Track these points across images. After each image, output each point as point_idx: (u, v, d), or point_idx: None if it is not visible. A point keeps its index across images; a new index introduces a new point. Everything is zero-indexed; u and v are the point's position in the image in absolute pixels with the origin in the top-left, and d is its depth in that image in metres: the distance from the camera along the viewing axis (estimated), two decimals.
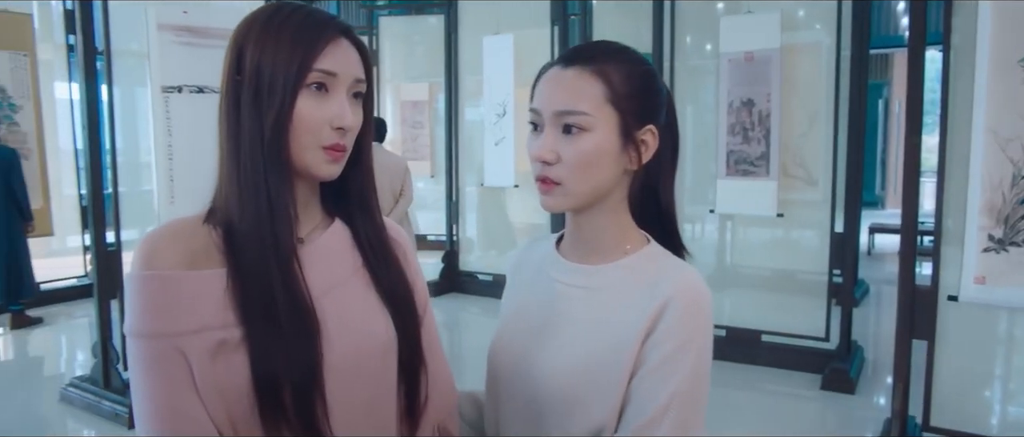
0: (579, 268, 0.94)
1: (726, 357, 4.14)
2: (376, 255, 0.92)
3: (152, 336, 0.76)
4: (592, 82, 0.86)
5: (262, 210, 0.79)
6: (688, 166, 4.53)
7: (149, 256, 0.79)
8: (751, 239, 4.51)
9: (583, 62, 0.87)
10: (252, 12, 0.83)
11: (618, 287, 0.90)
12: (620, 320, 0.86)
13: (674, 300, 0.84)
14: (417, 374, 0.93)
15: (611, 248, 0.93)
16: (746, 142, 4.03)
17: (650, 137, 0.90)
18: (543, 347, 0.91)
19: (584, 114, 0.85)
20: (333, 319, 0.83)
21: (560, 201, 0.89)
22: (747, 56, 3.99)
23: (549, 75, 0.89)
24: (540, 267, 1.00)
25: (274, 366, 0.76)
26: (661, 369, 0.82)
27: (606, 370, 0.85)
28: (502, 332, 1.00)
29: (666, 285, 0.85)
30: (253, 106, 0.79)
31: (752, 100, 4.00)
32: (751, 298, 4.43)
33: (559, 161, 0.86)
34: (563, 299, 0.93)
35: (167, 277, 0.77)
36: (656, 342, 0.83)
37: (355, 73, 0.84)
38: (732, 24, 4.06)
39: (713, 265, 4.57)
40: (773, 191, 3.98)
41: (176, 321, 0.76)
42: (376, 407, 0.88)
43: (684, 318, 0.83)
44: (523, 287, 1.02)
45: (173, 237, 0.81)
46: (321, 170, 0.83)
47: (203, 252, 0.80)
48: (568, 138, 0.86)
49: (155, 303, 0.77)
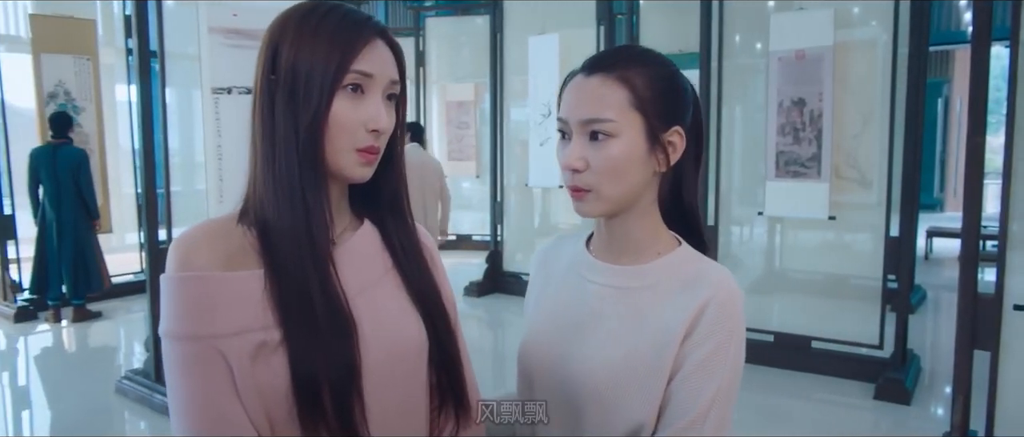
0: (613, 268, 0.95)
1: (774, 363, 4.03)
2: (407, 257, 0.92)
3: (192, 338, 0.76)
4: (615, 88, 0.87)
5: (298, 212, 0.79)
6: (736, 167, 4.44)
7: (185, 257, 0.78)
8: (801, 242, 4.39)
9: (606, 69, 0.88)
10: (286, 10, 0.82)
11: (654, 288, 0.91)
12: (658, 320, 0.87)
13: (712, 300, 0.85)
14: (449, 376, 0.92)
15: (643, 249, 0.94)
16: (796, 143, 3.92)
17: (677, 138, 0.91)
18: (579, 346, 0.92)
19: (610, 121, 0.86)
20: (368, 320, 0.82)
21: (594, 206, 0.90)
22: (798, 54, 3.87)
23: (573, 84, 0.91)
24: (570, 267, 1.01)
25: (313, 367, 0.76)
26: (703, 369, 0.84)
27: (646, 369, 0.86)
28: (533, 332, 1.00)
29: (704, 286, 0.87)
30: (288, 106, 0.79)
31: (803, 99, 3.88)
32: (801, 303, 4.31)
33: (588, 168, 0.88)
34: (597, 299, 0.94)
35: (205, 278, 0.77)
36: (696, 342, 0.84)
37: (390, 74, 0.83)
38: (783, 21, 3.95)
39: (761, 268, 4.46)
40: (825, 193, 3.86)
41: (215, 323, 0.76)
42: (409, 408, 0.88)
43: (722, 318, 0.85)
44: (552, 286, 1.02)
45: (208, 238, 0.80)
46: (354, 172, 0.82)
47: (239, 253, 0.80)
48: (596, 145, 0.87)
49: (194, 305, 0.76)
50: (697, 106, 0.95)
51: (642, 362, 0.87)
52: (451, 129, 8.26)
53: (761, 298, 4.40)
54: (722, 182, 4.29)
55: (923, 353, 4.30)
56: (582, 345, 0.92)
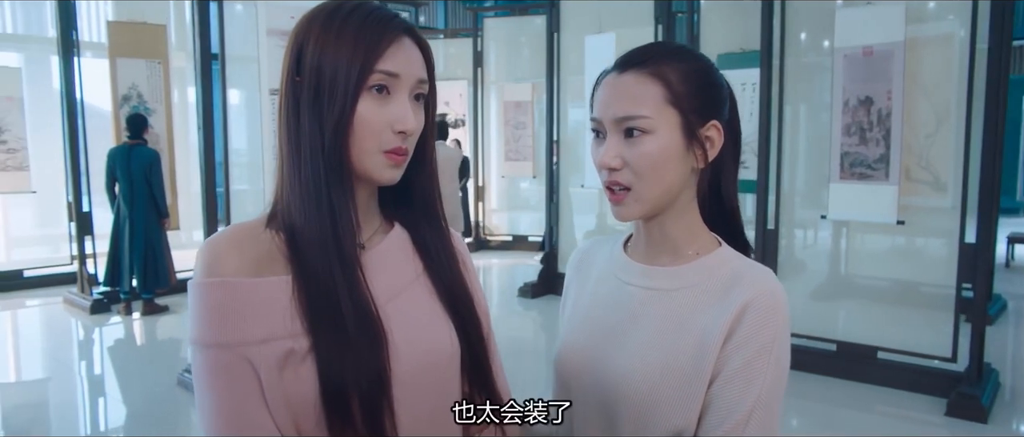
0: (651, 270, 0.92)
1: (837, 373, 3.87)
2: (439, 261, 0.89)
3: (220, 346, 0.74)
4: (650, 84, 0.85)
5: (324, 215, 0.77)
6: (799, 169, 4.28)
7: (212, 262, 0.76)
8: (867, 247, 4.19)
9: (639, 65, 0.86)
10: (312, 10, 0.81)
11: (693, 289, 0.88)
12: (698, 323, 0.85)
13: (754, 302, 0.82)
14: (482, 384, 0.90)
15: (682, 250, 0.91)
16: (863, 143, 3.75)
17: (715, 133, 0.88)
18: (617, 350, 0.89)
19: (644, 117, 0.85)
20: (398, 327, 0.80)
21: (633, 209, 0.88)
22: (866, 51, 3.70)
23: (606, 82, 0.89)
24: (607, 269, 0.98)
25: (342, 376, 0.74)
26: (744, 373, 0.81)
27: (686, 373, 0.84)
28: (570, 335, 0.98)
29: (744, 287, 0.84)
30: (313, 108, 0.77)
31: (870, 98, 3.71)
32: (866, 311, 4.11)
33: (625, 166, 0.86)
34: (635, 301, 0.91)
35: (233, 284, 0.75)
36: (737, 345, 0.82)
37: (417, 74, 0.81)
38: (850, 17, 3.78)
39: (825, 274, 4.28)
40: (893, 196, 3.67)
41: (243, 330, 0.74)
42: (440, 418, 0.86)
43: (764, 321, 0.82)
44: (588, 289, 1.00)
45: (236, 243, 0.79)
46: (382, 175, 0.80)
47: (267, 258, 0.78)
48: (631, 142, 0.85)
49: (222, 311, 0.75)
50: (733, 102, 0.92)
51: (681, 367, 0.84)
52: (509, 129, 8.27)
53: (824, 305, 4.22)
54: (784, 184, 4.14)
55: (1002, 367, 4.04)
56: (619, 350, 0.89)
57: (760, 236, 4.13)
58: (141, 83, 5.65)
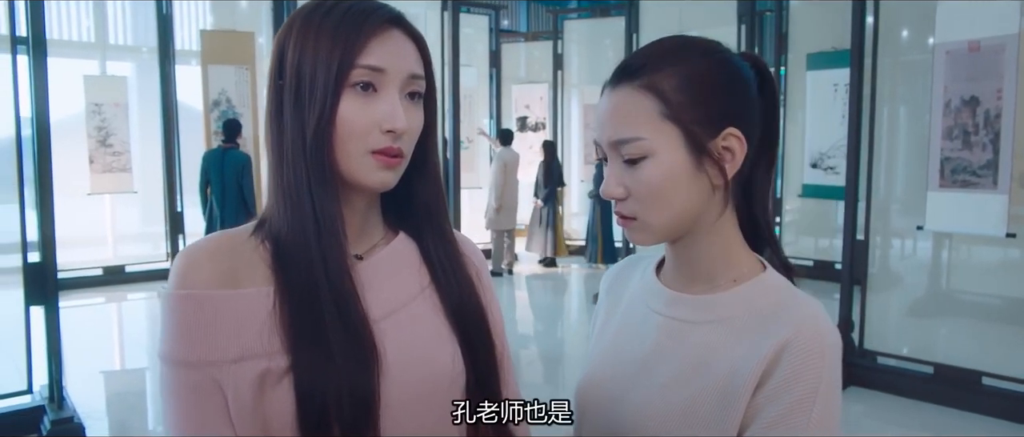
0: (680, 298, 0.81)
1: (935, 399, 3.56)
2: (446, 274, 0.82)
3: (187, 364, 0.70)
4: (641, 99, 0.74)
5: (307, 222, 0.72)
6: (895, 175, 3.97)
7: (185, 272, 0.71)
8: (972, 261, 3.83)
9: (630, 77, 0.76)
10: (296, 9, 0.77)
11: (727, 322, 0.76)
12: (728, 362, 0.73)
13: (793, 343, 0.70)
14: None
15: (717, 275, 0.80)
16: (967, 148, 3.42)
17: (735, 142, 0.75)
18: (638, 387, 0.79)
19: (638, 140, 0.74)
20: (393, 346, 0.74)
21: (642, 236, 0.78)
22: (972, 46, 3.38)
23: (601, 100, 0.79)
24: (638, 293, 0.88)
25: (323, 399, 0.68)
26: (778, 427, 0.69)
27: (710, 420, 0.73)
28: (593, 367, 0.88)
29: (784, 324, 0.72)
30: (294, 111, 0.72)
31: (976, 98, 3.38)
32: (970, 331, 3.76)
33: (629, 195, 0.76)
34: (662, 333, 0.80)
35: (204, 297, 0.70)
36: (772, 394, 0.69)
37: (408, 68, 0.74)
38: (953, 9, 3.46)
39: (923, 289, 3.95)
40: (1002, 206, 3.33)
41: (213, 348, 0.69)
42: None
43: (806, 365, 0.69)
44: (616, 316, 0.90)
45: (213, 252, 0.74)
46: (371, 178, 0.73)
47: (247, 268, 0.73)
48: (631, 169, 0.75)
49: (190, 327, 0.70)
50: (770, 100, 0.79)
51: (704, 414, 0.73)
52: (588, 132, 8.15)
53: (921, 323, 3.90)
54: (876, 192, 3.85)
55: None
56: (639, 388, 0.79)
57: (848, 247, 3.85)
58: (230, 88, 5.90)
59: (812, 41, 6.39)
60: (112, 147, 6.39)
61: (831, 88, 6.10)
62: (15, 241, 3.20)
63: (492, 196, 6.97)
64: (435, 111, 0.81)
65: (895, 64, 3.86)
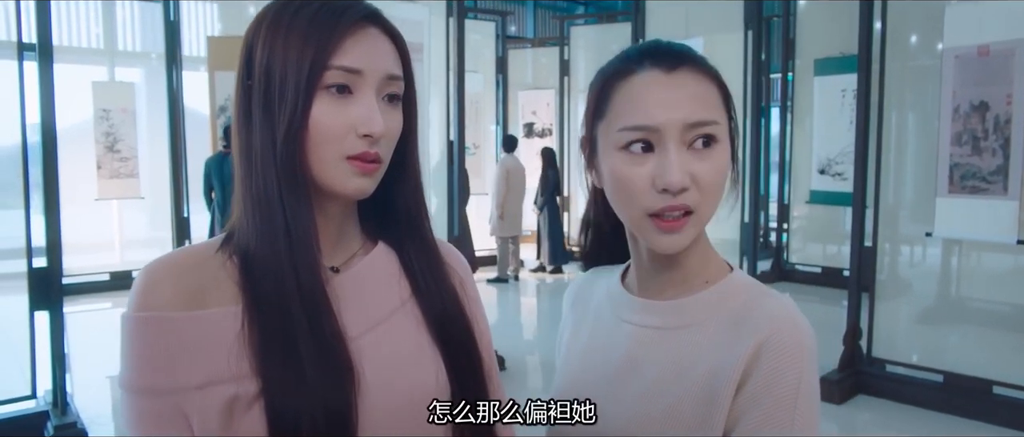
0: (651, 305, 0.79)
1: (944, 408, 3.51)
2: (427, 284, 0.78)
3: (149, 392, 0.65)
4: (710, 85, 0.74)
5: (277, 234, 0.68)
6: (902, 181, 3.93)
7: (145, 293, 0.67)
8: (982, 268, 3.79)
9: (690, 62, 0.74)
10: (264, 7, 0.73)
11: (701, 325, 0.75)
12: (707, 365, 0.72)
13: (771, 341, 0.69)
14: (476, 433, 0.77)
15: (692, 277, 0.78)
16: (976, 153, 3.38)
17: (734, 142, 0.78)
18: (614, 400, 0.77)
19: (716, 122, 0.72)
20: (372, 365, 0.70)
21: (690, 235, 0.73)
22: (981, 50, 3.34)
23: (653, 81, 0.72)
24: (603, 305, 0.86)
25: (297, 427, 0.64)
26: (765, 427, 0.68)
27: (693, 425, 0.72)
28: (564, 383, 0.85)
29: (758, 322, 0.71)
30: (264, 115, 0.68)
31: (986, 103, 3.34)
32: (980, 339, 3.72)
33: (693, 185, 0.71)
34: (635, 342, 0.79)
35: (166, 320, 0.66)
36: (752, 397, 0.69)
37: (386, 69, 0.70)
38: (962, 13, 3.44)
39: (932, 297, 3.91)
40: (1012, 212, 3.29)
41: (177, 375, 0.65)
42: None
43: (784, 362, 0.69)
44: (584, 330, 0.87)
45: (175, 269, 0.69)
46: (348, 185, 0.69)
47: (213, 286, 0.68)
48: (701, 154, 0.71)
49: (151, 352, 0.65)
50: None
51: (687, 419, 0.72)
52: None
53: (930, 330, 3.85)
54: (884, 198, 3.81)
55: None
56: (615, 400, 0.77)
57: (856, 254, 3.81)
58: None
59: (819, 46, 6.36)
60: (120, 153, 6.42)
61: (839, 94, 6.07)
62: (21, 246, 3.21)
63: (494, 202, 6.97)
64: (415, 113, 0.77)
65: (903, 69, 3.83)
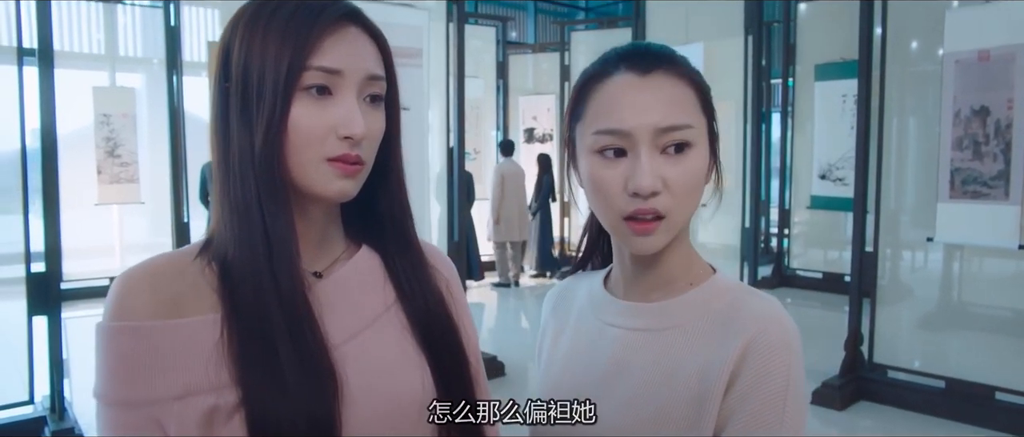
0: (636, 307, 0.79)
1: (946, 414, 3.49)
2: (413, 290, 0.77)
3: (125, 404, 0.64)
4: (685, 88, 0.74)
5: (256, 239, 0.66)
6: (903, 186, 3.92)
7: (121, 302, 0.65)
8: (984, 273, 3.78)
9: (667, 64, 0.74)
10: (242, 6, 0.70)
11: (687, 326, 0.75)
12: (695, 366, 0.72)
13: (758, 340, 0.70)
14: (466, 431, 0.76)
15: (676, 280, 0.79)
16: (977, 158, 3.37)
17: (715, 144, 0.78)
18: (604, 403, 0.77)
19: (690, 126, 0.72)
20: (355, 372, 0.69)
21: (662, 239, 0.73)
22: (981, 55, 3.34)
23: (626, 85, 0.73)
24: (586, 309, 0.85)
25: (279, 435, 0.63)
26: (754, 426, 0.69)
27: (682, 427, 0.72)
28: (548, 388, 0.85)
29: (745, 321, 0.72)
30: (242, 117, 0.66)
31: (986, 108, 3.34)
32: (982, 345, 3.70)
33: (665, 189, 0.71)
34: (621, 346, 0.78)
35: (142, 329, 0.64)
36: (741, 396, 0.69)
37: (367, 69, 0.69)
38: (962, 18, 3.43)
39: (933, 302, 3.90)
40: (1014, 217, 3.28)
41: (154, 386, 0.63)
42: None
43: (773, 362, 0.69)
44: (566, 335, 0.87)
45: (151, 277, 0.67)
46: (329, 188, 0.68)
47: (191, 294, 0.67)
48: (673, 159, 0.72)
49: (127, 362, 0.64)
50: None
51: (677, 421, 0.72)
52: None
53: (932, 336, 3.84)
54: (885, 203, 3.80)
55: None
56: (606, 403, 0.76)
57: (857, 259, 3.80)
58: None
59: (820, 52, 6.36)
60: (120, 158, 6.41)
61: (839, 99, 6.06)
62: (20, 251, 3.20)
63: (491, 208, 6.98)
64: (397, 114, 0.75)
65: (903, 74, 3.82)
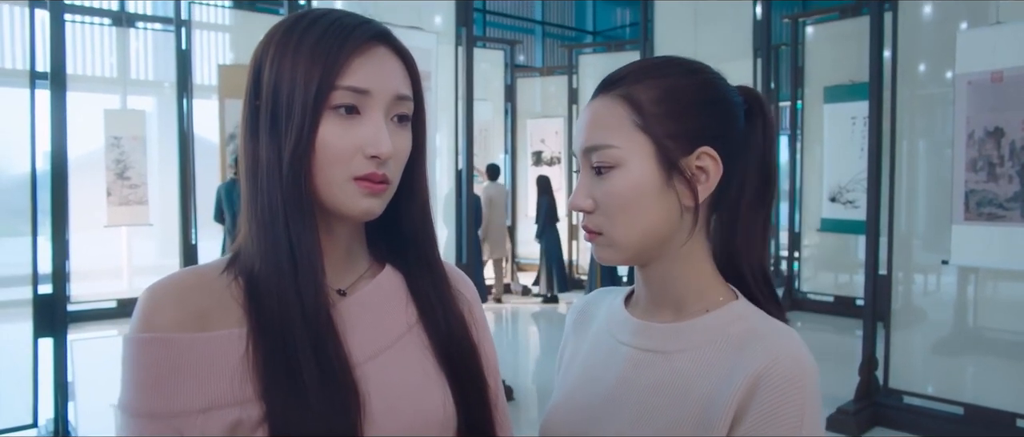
0: (648, 327, 0.78)
1: None
2: (435, 310, 0.77)
3: (149, 416, 0.64)
4: (617, 108, 0.74)
5: (282, 256, 0.67)
6: (917, 209, 3.88)
7: (149, 314, 0.66)
8: (1002, 297, 3.71)
9: (609, 86, 0.76)
10: (274, 25, 0.72)
11: (697, 350, 0.74)
12: (700, 392, 0.71)
13: (769, 374, 0.67)
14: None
15: (687, 303, 0.77)
16: (992, 180, 3.33)
17: (710, 162, 0.73)
18: (606, 422, 0.76)
19: (610, 147, 0.73)
20: (378, 391, 0.69)
21: (608, 254, 0.76)
22: (994, 76, 3.31)
23: (582, 111, 0.78)
24: (603, 325, 0.85)
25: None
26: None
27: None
28: (559, 403, 0.84)
29: (757, 353, 0.69)
30: (271, 135, 0.67)
31: (1001, 129, 3.30)
32: (1002, 370, 3.62)
33: (596, 208, 0.74)
34: (629, 364, 0.77)
35: (169, 341, 0.65)
36: (754, 427, 0.67)
37: (395, 89, 0.70)
38: (974, 39, 3.41)
39: (949, 326, 3.83)
40: None
41: (179, 398, 0.64)
42: None
43: (786, 397, 0.66)
44: (584, 348, 0.86)
45: (179, 291, 0.68)
46: (356, 207, 0.69)
47: (218, 308, 0.68)
48: (600, 179, 0.74)
49: (152, 374, 0.64)
50: (763, 131, 0.77)
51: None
52: None
53: (949, 361, 3.76)
54: (899, 226, 3.76)
55: None
56: (607, 422, 0.76)
57: (870, 283, 3.75)
58: None
59: (829, 74, 6.35)
60: (130, 180, 6.44)
61: (849, 121, 6.04)
62: (28, 273, 3.20)
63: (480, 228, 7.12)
64: (424, 134, 0.76)
65: (913, 96, 3.80)
